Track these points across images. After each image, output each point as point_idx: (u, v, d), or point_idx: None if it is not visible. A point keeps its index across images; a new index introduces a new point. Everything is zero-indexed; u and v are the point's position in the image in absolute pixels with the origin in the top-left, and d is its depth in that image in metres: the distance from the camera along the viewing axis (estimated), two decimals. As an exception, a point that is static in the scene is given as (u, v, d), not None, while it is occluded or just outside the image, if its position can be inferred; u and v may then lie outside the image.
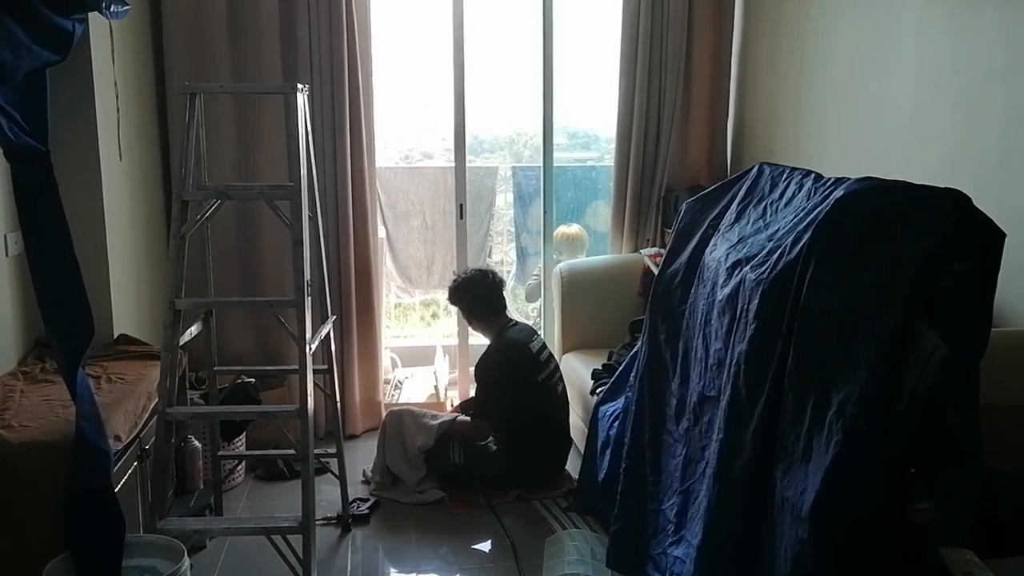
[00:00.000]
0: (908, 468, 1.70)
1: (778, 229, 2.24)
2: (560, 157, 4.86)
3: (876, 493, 1.69)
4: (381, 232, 4.97)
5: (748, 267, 2.15)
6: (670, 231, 4.46)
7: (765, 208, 2.42)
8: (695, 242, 2.68)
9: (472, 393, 4.00)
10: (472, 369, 4.12)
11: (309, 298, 2.90)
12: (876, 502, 1.70)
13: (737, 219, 2.51)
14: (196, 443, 3.58)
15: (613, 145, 4.51)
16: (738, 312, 2.15)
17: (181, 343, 2.95)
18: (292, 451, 3.70)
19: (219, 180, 3.75)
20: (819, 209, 1.97)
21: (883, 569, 1.71)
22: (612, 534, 2.90)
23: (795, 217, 2.19)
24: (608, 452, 3.27)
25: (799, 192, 2.30)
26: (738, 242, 2.37)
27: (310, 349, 2.91)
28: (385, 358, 4.92)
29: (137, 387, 3.05)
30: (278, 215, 2.95)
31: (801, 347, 1.88)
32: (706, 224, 2.68)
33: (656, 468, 2.69)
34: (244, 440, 3.88)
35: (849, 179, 2.03)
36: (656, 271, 4.21)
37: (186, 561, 2.54)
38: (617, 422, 3.25)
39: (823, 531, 1.72)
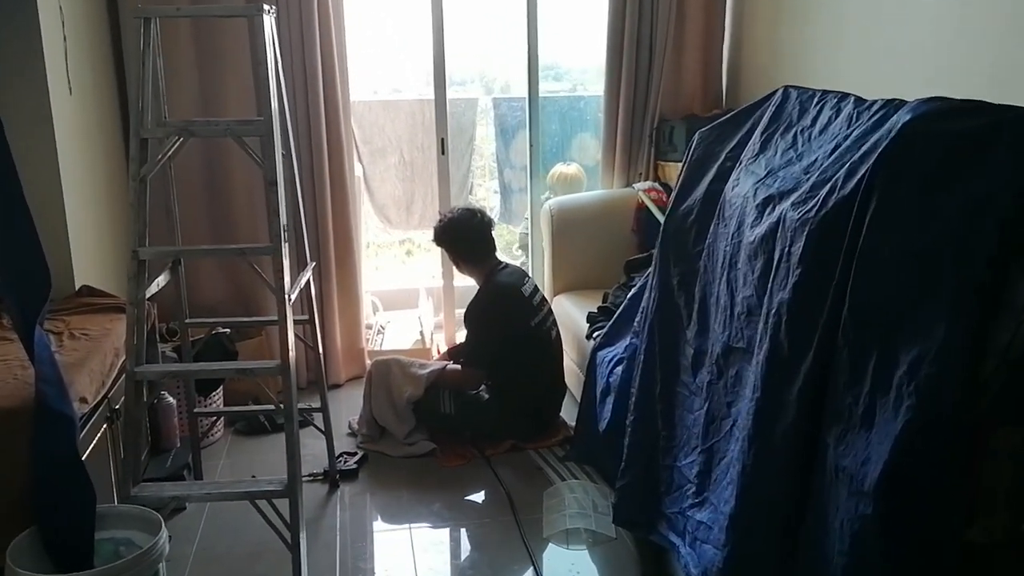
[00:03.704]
0: (992, 434, 1.46)
1: (815, 159, 1.94)
2: (544, 88, 4.51)
3: (956, 465, 1.44)
4: (357, 170, 4.63)
5: (788, 204, 1.85)
6: (663, 163, 4.19)
7: (795, 136, 2.11)
8: (711, 176, 2.37)
9: (460, 338, 3.72)
10: (459, 311, 3.84)
11: (286, 244, 2.60)
12: (956, 475, 1.45)
13: (762, 150, 2.20)
14: (170, 399, 3.27)
15: (600, 74, 4.17)
16: (777, 256, 1.86)
17: (148, 295, 2.65)
18: (272, 406, 3.44)
19: (181, 116, 3.39)
20: (878, 137, 1.67)
21: (962, 548, 1.48)
22: (619, 489, 2.66)
23: (836, 146, 1.89)
24: (609, 400, 3.02)
25: (836, 117, 2.00)
26: (767, 176, 2.07)
27: (289, 300, 2.61)
28: (366, 302, 4.62)
29: (103, 343, 2.75)
30: (248, 153, 2.61)
31: (859, 297, 1.60)
32: (723, 156, 2.37)
33: (669, 422, 2.44)
34: (222, 394, 3.58)
35: (906, 101, 1.74)
36: (651, 206, 3.95)
37: (164, 534, 2.28)
38: (619, 368, 3.00)
39: (892, 507, 1.47)
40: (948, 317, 1.42)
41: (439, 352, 4.16)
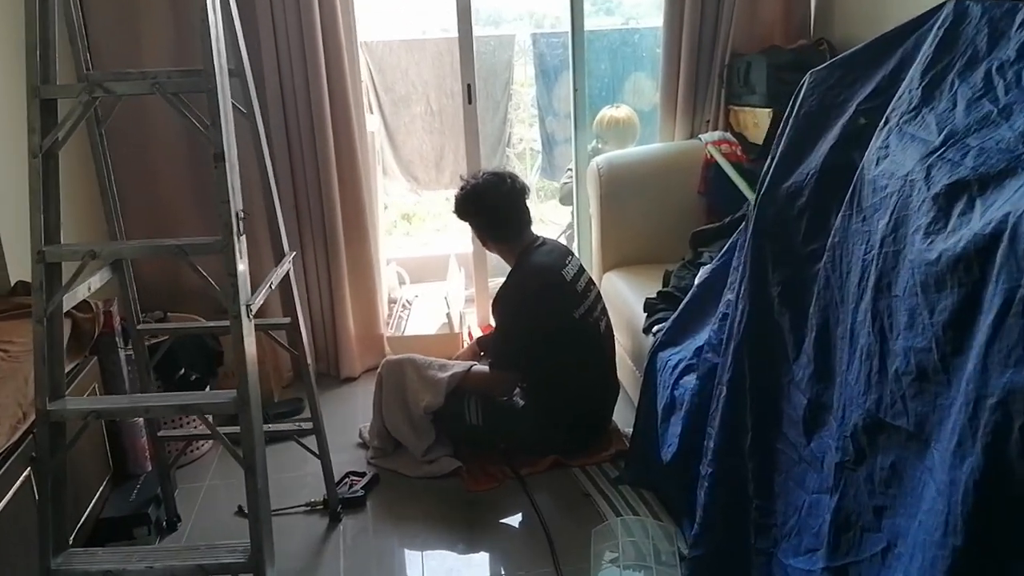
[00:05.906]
0: None
1: (1040, 118, 1.09)
2: (594, 23, 3.61)
3: None
4: (375, 123, 3.82)
5: (1012, 199, 1.00)
6: (736, 108, 3.25)
7: (988, 76, 1.24)
8: (833, 139, 1.51)
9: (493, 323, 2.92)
10: (492, 283, 3.05)
11: (242, 237, 1.83)
12: None
13: (926, 99, 1.33)
14: (135, 416, 2.56)
15: (656, 5, 3.26)
16: (998, 298, 1.01)
17: (78, 301, 1.95)
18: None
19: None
20: None
21: None
22: (691, 560, 1.89)
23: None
24: (675, 420, 2.22)
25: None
26: (946, 144, 1.21)
27: (250, 310, 1.86)
28: (390, 273, 3.86)
29: (27, 363, 2.03)
30: (182, 114, 1.83)
31: None
32: (853, 108, 1.50)
33: (766, 490, 1.63)
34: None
35: None
36: (722, 162, 3.06)
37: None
38: (688, 377, 2.20)
39: None
40: None
41: (470, 336, 3.39)
